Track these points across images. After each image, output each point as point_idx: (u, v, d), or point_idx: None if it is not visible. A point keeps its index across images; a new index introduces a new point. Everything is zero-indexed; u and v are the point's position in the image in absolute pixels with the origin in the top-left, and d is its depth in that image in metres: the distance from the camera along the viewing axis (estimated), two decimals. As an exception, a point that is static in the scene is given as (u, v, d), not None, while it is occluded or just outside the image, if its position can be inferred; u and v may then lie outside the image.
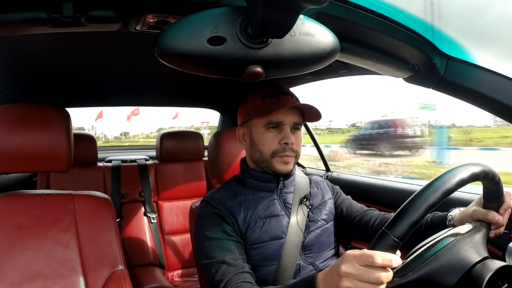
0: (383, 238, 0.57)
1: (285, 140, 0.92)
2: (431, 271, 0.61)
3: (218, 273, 0.81)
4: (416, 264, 0.62)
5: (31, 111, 1.02)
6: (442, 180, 0.59)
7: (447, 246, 0.63)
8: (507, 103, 0.78)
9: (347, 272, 0.57)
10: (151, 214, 2.00)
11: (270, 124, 0.93)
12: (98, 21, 0.64)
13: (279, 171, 0.94)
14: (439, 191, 0.57)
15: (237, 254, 0.85)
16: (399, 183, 1.53)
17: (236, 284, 0.78)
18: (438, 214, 0.90)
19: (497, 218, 0.72)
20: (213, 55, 0.59)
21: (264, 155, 0.94)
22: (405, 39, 0.81)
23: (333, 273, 0.61)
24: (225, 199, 0.94)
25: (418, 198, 0.58)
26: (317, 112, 0.94)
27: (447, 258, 0.62)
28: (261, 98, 0.94)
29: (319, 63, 0.68)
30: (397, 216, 0.58)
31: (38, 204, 1.04)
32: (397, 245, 0.56)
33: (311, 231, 0.97)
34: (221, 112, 2.52)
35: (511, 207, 0.75)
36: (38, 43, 1.12)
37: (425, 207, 0.56)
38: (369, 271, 0.56)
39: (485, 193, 0.73)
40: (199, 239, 0.89)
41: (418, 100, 14.45)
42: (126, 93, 1.96)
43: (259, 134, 0.94)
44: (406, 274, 0.61)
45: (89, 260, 1.02)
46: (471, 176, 0.62)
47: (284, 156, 0.92)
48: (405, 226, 0.56)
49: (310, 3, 0.50)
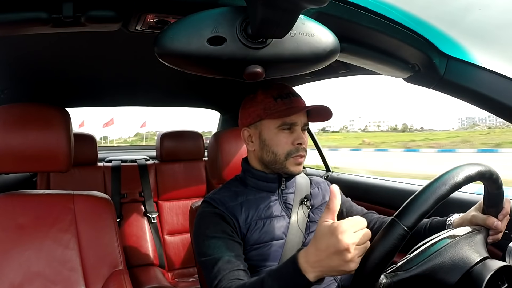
0: (393, 227, 0.57)
1: (299, 141, 0.92)
2: (434, 266, 0.62)
3: (214, 270, 0.81)
4: (420, 259, 0.63)
5: (31, 111, 1.02)
6: (451, 174, 0.60)
7: (450, 243, 0.64)
8: (507, 103, 0.78)
9: (353, 243, 0.58)
10: (151, 214, 2.00)
11: (284, 125, 0.92)
12: (98, 21, 0.64)
13: (291, 172, 0.94)
14: (448, 184, 0.59)
15: (235, 253, 0.85)
16: (399, 183, 1.53)
17: (229, 280, 0.78)
18: (438, 219, 0.90)
19: (496, 223, 0.73)
20: (213, 55, 0.59)
21: (278, 157, 0.93)
22: (405, 39, 0.81)
23: (329, 251, 0.60)
24: (226, 199, 0.94)
25: (428, 189, 0.59)
26: (327, 114, 0.94)
27: (450, 254, 0.63)
28: (272, 99, 0.93)
29: (319, 63, 0.68)
30: (407, 206, 0.58)
31: (38, 204, 1.04)
32: (406, 235, 0.57)
33: (312, 231, 0.96)
34: (221, 112, 2.52)
35: (509, 214, 0.76)
36: (38, 43, 1.12)
37: (434, 198, 0.57)
38: (361, 232, 0.60)
39: (486, 196, 0.73)
40: (199, 238, 0.90)
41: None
42: (126, 93, 1.96)
43: (272, 135, 0.93)
44: (410, 268, 0.63)
45: (89, 260, 1.02)
46: (478, 174, 0.63)
47: (297, 157, 0.93)
48: (415, 216, 0.57)
49: (310, 3, 0.50)
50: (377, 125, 62.44)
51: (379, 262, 0.57)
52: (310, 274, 0.63)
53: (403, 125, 61.75)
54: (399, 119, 75.74)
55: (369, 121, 31.28)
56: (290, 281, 0.66)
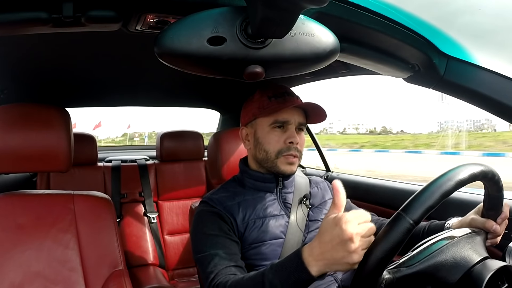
0: (398, 220, 0.57)
1: (291, 139, 0.92)
2: (436, 264, 0.62)
3: (210, 265, 0.81)
4: (423, 255, 0.64)
5: (31, 111, 1.02)
6: (456, 171, 0.61)
7: (451, 242, 0.65)
8: (507, 103, 0.78)
9: (357, 233, 0.58)
10: (151, 214, 2.00)
11: (276, 123, 0.93)
12: (98, 21, 0.64)
13: (283, 172, 0.94)
14: (453, 180, 0.59)
15: (232, 250, 0.85)
16: (399, 183, 1.53)
17: (226, 275, 0.78)
18: (436, 222, 0.90)
19: (495, 227, 0.73)
20: (213, 55, 0.59)
21: (269, 155, 0.94)
22: (405, 39, 0.81)
23: (333, 242, 0.60)
24: (224, 199, 0.94)
25: (434, 184, 0.59)
26: (321, 113, 0.95)
27: (452, 253, 0.63)
28: (267, 98, 0.94)
29: (319, 63, 0.68)
30: (413, 200, 0.59)
31: (38, 204, 1.04)
32: (411, 228, 0.56)
33: (311, 230, 0.96)
34: (221, 112, 2.52)
35: (508, 218, 0.76)
36: (38, 43, 1.12)
37: (440, 193, 0.58)
38: (366, 225, 0.60)
39: (487, 199, 0.73)
40: (196, 236, 0.90)
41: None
42: (126, 93, 1.96)
43: (264, 133, 0.95)
44: (413, 265, 0.63)
45: (89, 260, 1.02)
46: (481, 173, 0.64)
47: (289, 156, 0.93)
48: (421, 210, 0.57)
49: (310, 3, 0.50)
50: (356, 127, 62.68)
51: (384, 256, 0.57)
52: (313, 267, 0.63)
53: (382, 127, 62.15)
54: (378, 122, 77.68)
55: (348, 124, 32.16)
56: (292, 274, 0.65)
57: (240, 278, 0.75)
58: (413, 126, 44.13)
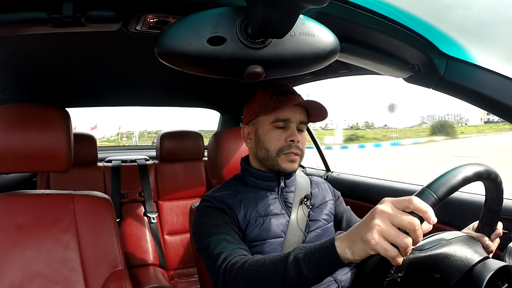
0: (423, 194, 0.56)
1: (292, 138, 0.93)
2: (447, 253, 0.64)
3: (218, 247, 0.79)
4: (434, 243, 0.65)
5: (31, 111, 1.02)
6: (474, 164, 0.63)
7: (457, 237, 0.67)
8: (507, 103, 0.78)
9: (382, 210, 0.54)
10: (151, 214, 2.00)
11: (277, 121, 0.93)
12: (98, 21, 0.64)
13: (284, 170, 0.94)
14: (472, 171, 0.61)
15: (237, 238, 0.84)
16: (399, 183, 1.53)
17: (237, 255, 0.75)
18: None
19: (488, 242, 0.73)
20: (213, 55, 0.59)
21: (270, 153, 0.94)
22: (405, 39, 0.81)
23: (363, 221, 0.57)
24: (225, 197, 0.94)
25: (457, 169, 0.61)
26: (323, 111, 0.95)
27: (457, 246, 0.65)
28: (269, 96, 0.95)
29: (319, 63, 0.68)
30: (438, 178, 0.59)
31: (38, 204, 1.04)
32: (435, 204, 0.56)
33: (312, 230, 0.97)
34: (221, 112, 2.52)
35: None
36: (38, 43, 1.12)
37: (462, 176, 0.60)
38: (404, 213, 0.53)
39: (485, 212, 0.73)
40: (199, 227, 0.88)
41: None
42: (126, 93, 1.96)
43: (266, 131, 0.95)
44: (426, 249, 0.64)
45: (89, 260, 1.02)
46: (492, 173, 0.65)
47: (290, 154, 0.93)
48: (445, 188, 0.57)
49: (310, 3, 0.50)
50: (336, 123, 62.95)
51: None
52: (339, 249, 0.58)
53: (365, 123, 62.52)
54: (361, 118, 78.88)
55: (331, 119, 32.17)
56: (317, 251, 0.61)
57: (259, 258, 0.70)
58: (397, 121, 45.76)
